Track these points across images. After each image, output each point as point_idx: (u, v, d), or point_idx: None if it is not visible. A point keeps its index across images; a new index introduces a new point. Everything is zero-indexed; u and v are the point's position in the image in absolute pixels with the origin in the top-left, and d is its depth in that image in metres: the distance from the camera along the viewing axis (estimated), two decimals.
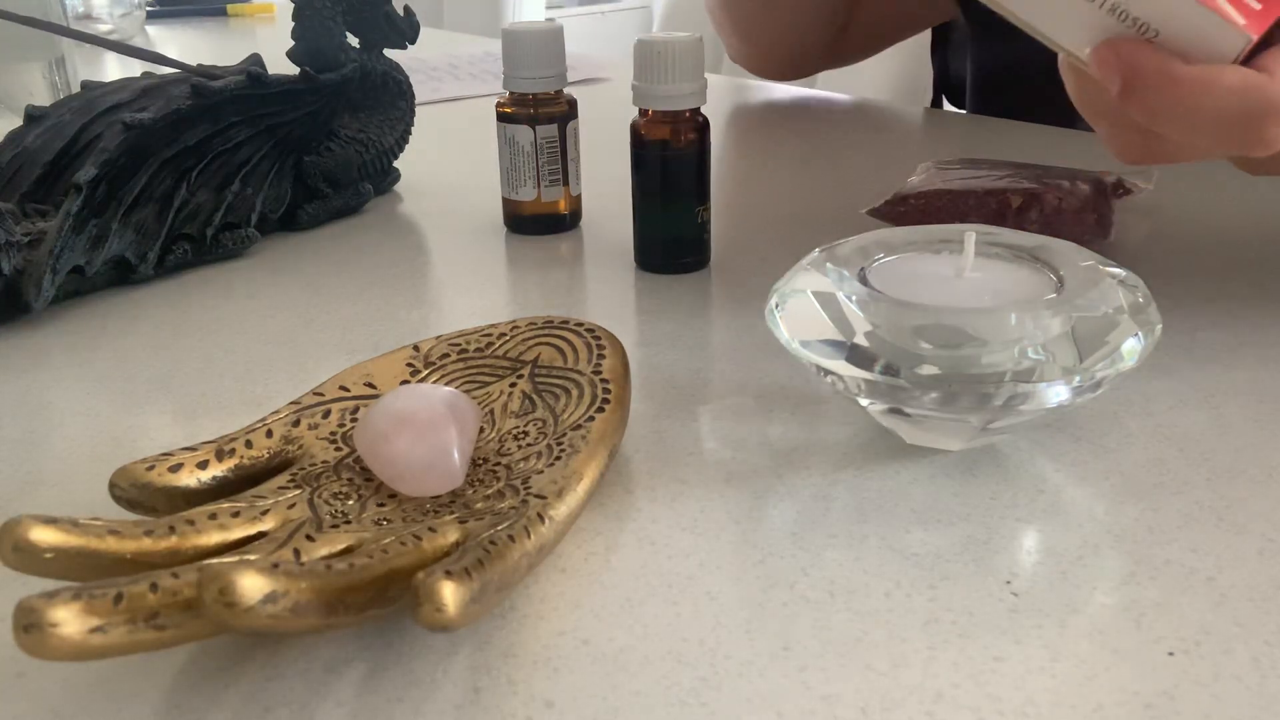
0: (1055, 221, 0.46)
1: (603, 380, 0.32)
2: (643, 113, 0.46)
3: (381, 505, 0.27)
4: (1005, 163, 0.53)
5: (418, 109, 0.62)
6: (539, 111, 0.52)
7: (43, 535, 0.22)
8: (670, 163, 0.46)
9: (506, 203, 0.54)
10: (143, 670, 0.24)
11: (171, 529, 0.24)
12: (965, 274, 0.32)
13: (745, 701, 0.23)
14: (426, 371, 0.33)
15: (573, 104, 0.53)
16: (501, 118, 0.52)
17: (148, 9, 1.42)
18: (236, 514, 0.26)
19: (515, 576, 0.24)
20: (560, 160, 0.53)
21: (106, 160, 0.45)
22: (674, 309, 0.44)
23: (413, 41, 0.59)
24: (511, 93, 0.52)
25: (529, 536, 0.25)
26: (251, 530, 0.25)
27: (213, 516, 0.25)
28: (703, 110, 0.46)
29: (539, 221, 0.54)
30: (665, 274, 0.48)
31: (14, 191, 0.48)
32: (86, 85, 0.51)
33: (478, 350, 0.34)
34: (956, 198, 0.48)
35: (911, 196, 0.50)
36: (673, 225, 0.47)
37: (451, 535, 0.25)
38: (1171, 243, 0.50)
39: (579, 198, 0.55)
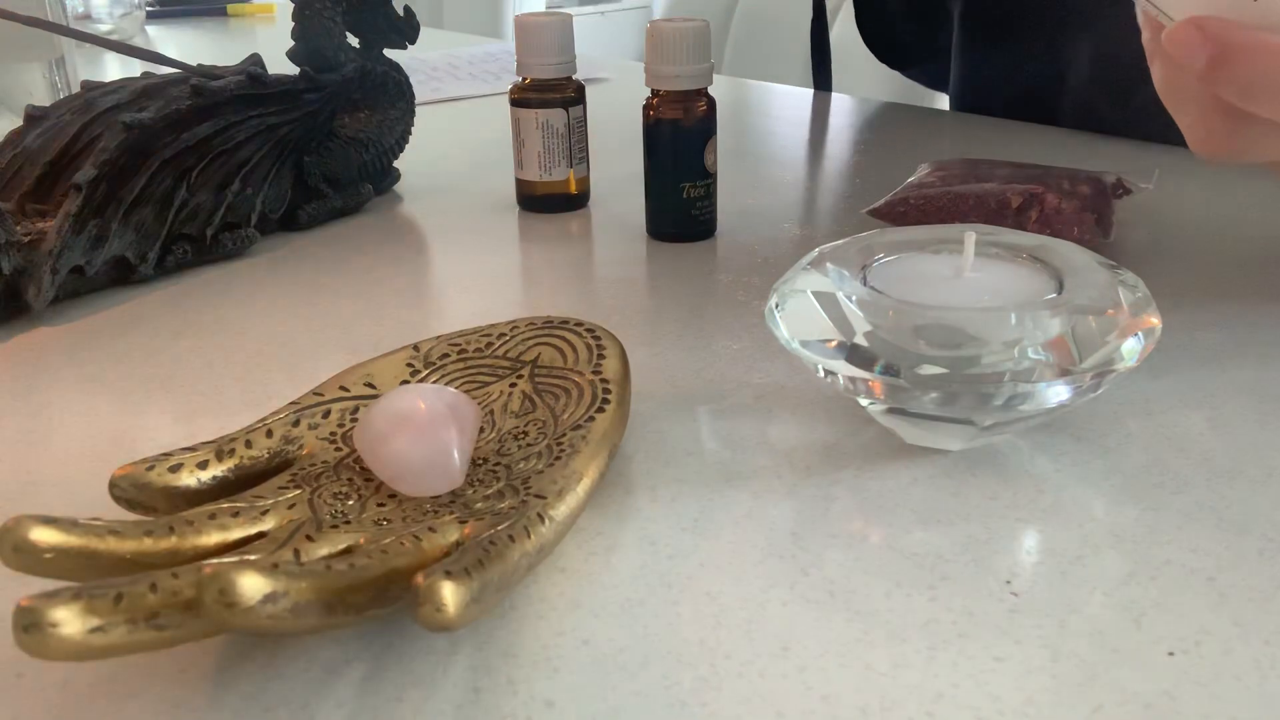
0: (1055, 221, 0.46)
1: (603, 380, 0.32)
2: (654, 93, 0.50)
3: (381, 505, 0.27)
4: (1005, 163, 0.53)
5: (418, 109, 0.62)
6: (565, 94, 0.55)
7: (43, 535, 0.22)
8: (680, 138, 0.49)
9: (528, 185, 0.57)
10: (143, 670, 0.24)
11: (171, 529, 0.24)
12: (965, 274, 0.32)
13: (745, 701, 0.23)
14: (426, 371, 0.33)
15: (581, 88, 0.56)
16: (526, 104, 0.55)
17: (148, 9, 1.42)
18: (236, 514, 0.26)
19: (515, 576, 0.24)
20: (585, 139, 0.56)
21: (106, 160, 0.45)
22: (674, 308, 0.44)
23: (413, 41, 0.59)
24: (533, 79, 0.54)
25: (529, 536, 0.25)
26: (251, 530, 0.25)
27: (212, 517, 0.25)
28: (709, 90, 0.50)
29: (554, 201, 0.57)
30: (678, 242, 0.52)
31: (14, 191, 0.48)
32: (86, 85, 0.51)
33: (478, 350, 0.34)
34: (956, 198, 0.48)
35: (911, 196, 0.50)
36: (680, 196, 0.51)
37: (451, 535, 0.25)
38: (1171, 243, 0.50)
39: (586, 179, 0.58)
